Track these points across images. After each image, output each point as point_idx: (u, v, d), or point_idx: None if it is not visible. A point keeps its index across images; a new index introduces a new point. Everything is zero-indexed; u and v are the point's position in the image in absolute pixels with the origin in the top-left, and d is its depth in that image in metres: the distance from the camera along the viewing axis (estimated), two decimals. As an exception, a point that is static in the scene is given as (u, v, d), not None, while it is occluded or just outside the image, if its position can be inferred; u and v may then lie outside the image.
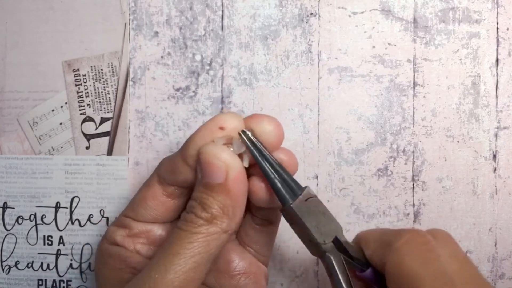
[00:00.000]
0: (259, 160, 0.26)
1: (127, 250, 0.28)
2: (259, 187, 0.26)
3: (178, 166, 0.26)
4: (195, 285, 0.24)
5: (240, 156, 0.26)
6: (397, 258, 0.25)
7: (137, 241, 0.28)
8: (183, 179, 0.27)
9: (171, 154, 0.28)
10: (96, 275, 0.29)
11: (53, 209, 0.36)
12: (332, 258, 0.26)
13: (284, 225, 0.36)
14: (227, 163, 0.24)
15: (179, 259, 0.24)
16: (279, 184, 0.26)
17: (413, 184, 0.36)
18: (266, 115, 0.27)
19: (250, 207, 0.29)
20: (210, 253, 0.24)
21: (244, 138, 0.26)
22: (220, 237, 0.25)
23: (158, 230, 0.28)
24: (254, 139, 0.26)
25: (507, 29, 0.36)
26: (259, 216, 0.29)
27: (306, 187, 0.27)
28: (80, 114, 0.36)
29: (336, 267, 0.26)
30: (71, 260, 0.35)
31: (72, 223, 0.35)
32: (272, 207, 0.28)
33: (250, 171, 0.27)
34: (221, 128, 0.25)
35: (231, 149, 0.25)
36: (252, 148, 0.26)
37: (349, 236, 0.36)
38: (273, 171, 0.26)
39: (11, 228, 0.36)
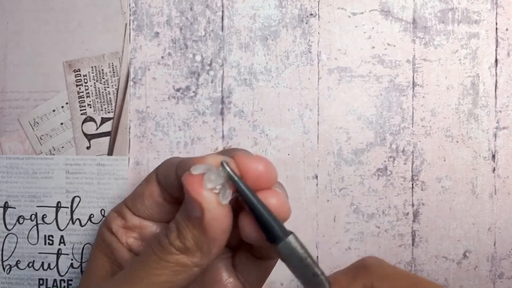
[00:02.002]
0: (245, 193, 0.23)
1: (118, 242, 0.28)
2: (247, 224, 0.24)
3: (171, 176, 0.25)
4: None
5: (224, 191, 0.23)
6: (380, 270, 0.24)
7: (130, 235, 0.28)
8: (175, 191, 0.26)
9: (173, 157, 0.27)
10: (90, 252, 0.29)
11: (54, 209, 0.36)
12: None
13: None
14: (205, 199, 0.22)
15: (142, 283, 0.23)
16: (270, 218, 0.23)
17: (413, 184, 0.36)
18: (253, 156, 0.24)
19: None
20: (176, 284, 0.23)
21: (227, 168, 0.23)
22: (190, 270, 0.23)
23: (152, 228, 0.28)
24: (234, 173, 0.23)
25: (506, 29, 0.36)
26: (256, 248, 0.27)
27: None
28: (81, 114, 0.36)
29: None
30: (72, 259, 0.36)
31: (73, 223, 0.36)
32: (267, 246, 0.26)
33: (239, 205, 0.25)
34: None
35: (211, 181, 0.23)
36: (236, 180, 0.23)
37: (348, 236, 0.36)
38: (261, 207, 0.23)
39: (12, 228, 0.36)
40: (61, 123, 0.36)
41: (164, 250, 0.23)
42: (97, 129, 0.36)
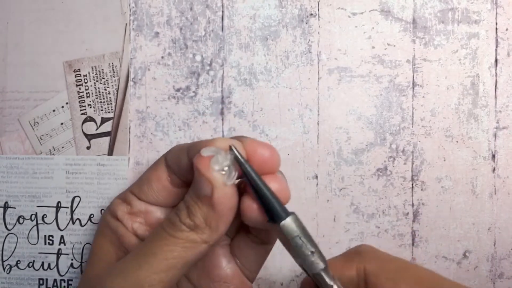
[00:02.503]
0: (251, 175, 0.25)
1: (124, 228, 0.28)
2: (249, 206, 0.25)
3: (182, 159, 0.27)
4: (163, 287, 0.24)
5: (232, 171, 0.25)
6: (374, 256, 0.27)
7: (135, 220, 0.29)
8: (185, 173, 0.27)
9: (182, 143, 0.28)
10: (93, 241, 0.30)
11: (54, 209, 0.36)
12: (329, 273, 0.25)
13: (284, 225, 0.36)
14: (214, 178, 0.24)
15: (154, 258, 0.24)
16: (273, 199, 0.25)
17: (413, 184, 0.36)
18: (261, 142, 0.26)
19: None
20: (186, 259, 0.25)
21: (235, 151, 0.25)
22: (199, 246, 0.25)
23: (157, 213, 0.29)
24: (241, 155, 0.25)
25: (506, 29, 0.36)
26: (254, 233, 0.28)
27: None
28: (81, 114, 0.36)
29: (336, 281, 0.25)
30: (72, 259, 0.36)
31: (73, 223, 0.36)
32: (266, 228, 0.27)
33: (242, 189, 0.26)
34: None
35: (219, 163, 0.25)
36: (243, 163, 0.25)
37: (348, 236, 0.36)
38: (265, 186, 0.25)
39: (12, 228, 0.36)
40: (61, 123, 0.36)
41: (175, 228, 0.25)
42: (97, 129, 0.36)
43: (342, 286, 0.25)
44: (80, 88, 0.36)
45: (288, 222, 0.25)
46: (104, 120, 0.36)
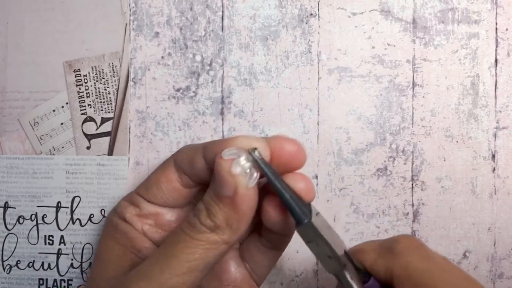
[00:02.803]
0: (272, 179, 0.25)
1: (134, 230, 0.28)
2: (272, 207, 0.26)
3: (197, 160, 0.27)
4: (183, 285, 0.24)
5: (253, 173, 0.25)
6: (404, 261, 0.25)
7: (145, 222, 0.28)
8: (199, 174, 0.27)
9: (192, 144, 0.28)
10: (100, 244, 0.29)
11: (54, 209, 0.36)
12: (349, 272, 0.26)
13: (284, 225, 0.36)
14: (237, 179, 0.24)
15: (176, 261, 0.24)
16: (294, 203, 0.25)
17: (412, 184, 0.36)
18: (288, 138, 0.27)
19: (260, 226, 0.28)
20: (207, 261, 0.25)
21: (256, 155, 0.25)
22: (219, 247, 0.25)
23: (167, 214, 0.29)
24: (262, 159, 0.25)
25: (506, 29, 0.36)
26: (266, 237, 0.28)
27: (309, 204, 0.26)
28: (81, 114, 0.36)
29: (355, 281, 0.26)
30: (72, 259, 0.36)
31: (73, 223, 0.36)
32: (281, 233, 0.27)
33: (263, 190, 0.26)
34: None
35: (241, 165, 0.25)
36: (263, 167, 0.25)
37: (348, 236, 0.36)
38: (286, 190, 0.25)
39: (12, 228, 0.36)
40: (61, 123, 0.36)
41: (195, 229, 0.25)
42: (97, 129, 0.36)
43: (375, 274, 0.25)
44: (80, 88, 0.36)
45: (305, 226, 0.25)
46: (104, 120, 0.36)
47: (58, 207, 0.36)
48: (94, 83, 0.36)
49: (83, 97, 0.36)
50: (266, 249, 0.29)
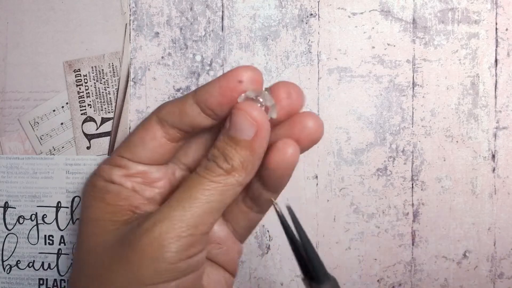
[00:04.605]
0: (295, 235, 0.27)
1: (126, 189, 0.29)
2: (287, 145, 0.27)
3: (187, 108, 0.27)
4: (207, 228, 0.26)
5: (267, 108, 0.26)
6: None
7: (133, 180, 0.29)
8: (190, 122, 0.27)
9: (173, 99, 0.29)
10: (86, 208, 0.30)
11: (54, 209, 0.36)
12: None
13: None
14: (259, 122, 0.25)
15: (197, 202, 0.25)
16: (317, 265, 0.26)
17: (412, 184, 0.36)
18: (287, 82, 0.28)
19: (246, 188, 0.29)
20: (225, 202, 0.26)
21: (279, 211, 0.27)
22: (235, 188, 0.26)
23: (153, 172, 0.29)
24: (294, 218, 0.27)
25: (506, 29, 0.36)
26: (251, 202, 0.29)
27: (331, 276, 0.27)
28: (81, 114, 0.36)
29: None
30: (72, 259, 0.36)
31: (73, 223, 0.36)
32: (280, 177, 0.28)
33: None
34: (240, 82, 0.26)
35: (260, 102, 0.26)
36: (286, 221, 0.27)
37: (348, 235, 0.36)
38: (311, 251, 0.26)
39: (12, 228, 0.36)
40: (61, 123, 0.36)
41: (213, 173, 0.26)
42: (97, 129, 0.36)
43: None
44: (80, 88, 0.36)
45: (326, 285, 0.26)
46: (104, 120, 0.36)
47: (58, 207, 0.36)
48: (94, 83, 0.36)
49: (83, 97, 0.36)
50: (249, 211, 0.30)
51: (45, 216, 0.36)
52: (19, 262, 0.36)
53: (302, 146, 0.27)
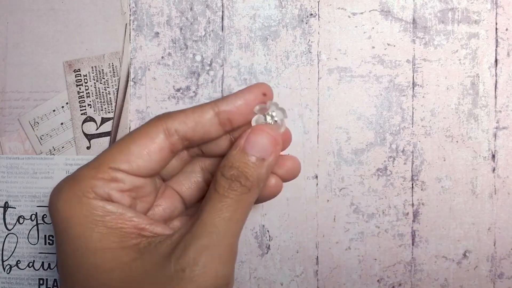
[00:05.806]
0: None
1: (127, 208, 0.26)
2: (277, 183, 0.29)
3: (205, 120, 0.27)
4: (237, 242, 0.26)
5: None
6: None
7: (129, 196, 0.26)
8: (203, 133, 0.27)
9: (179, 110, 0.27)
10: (83, 240, 0.24)
11: (54, 209, 0.36)
12: None
13: (283, 225, 0.36)
14: (278, 142, 0.26)
15: (232, 223, 0.25)
16: None
17: (412, 184, 0.36)
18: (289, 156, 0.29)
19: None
20: (247, 214, 0.27)
21: None
22: (252, 201, 0.27)
23: (148, 185, 0.27)
24: None
25: (506, 29, 0.36)
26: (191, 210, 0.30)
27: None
28: (81, 114, 0.36)
29: None
30: None
31: (73, 223, 0.36)
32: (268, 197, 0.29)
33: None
34: (264, 95, 0.27)
35: (272, 116, 0.27)
36: None
37: (348, 235, 0.36)
38: None
39: (12, 228, 0.36)
40: (61, 123, 0.36)
41: (236, 192, 0.26)
42: (97, 129, 0.36)
43: None
44: (80, 88, 0.36)
45: None
46: (104, 120, 0.36)
47: (58, 207, 0.36)
48: (94, 83, 0.36)
49: (83, 97, 0.36)
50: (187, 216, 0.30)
51: (45, 216, 0.36)
52: (19, 262, 0.36)
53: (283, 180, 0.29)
